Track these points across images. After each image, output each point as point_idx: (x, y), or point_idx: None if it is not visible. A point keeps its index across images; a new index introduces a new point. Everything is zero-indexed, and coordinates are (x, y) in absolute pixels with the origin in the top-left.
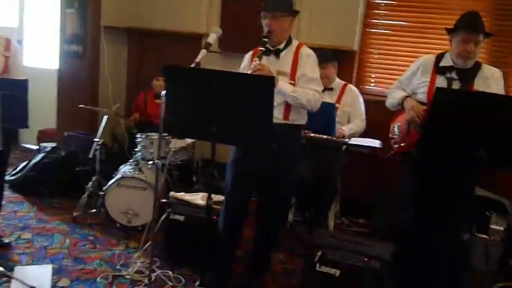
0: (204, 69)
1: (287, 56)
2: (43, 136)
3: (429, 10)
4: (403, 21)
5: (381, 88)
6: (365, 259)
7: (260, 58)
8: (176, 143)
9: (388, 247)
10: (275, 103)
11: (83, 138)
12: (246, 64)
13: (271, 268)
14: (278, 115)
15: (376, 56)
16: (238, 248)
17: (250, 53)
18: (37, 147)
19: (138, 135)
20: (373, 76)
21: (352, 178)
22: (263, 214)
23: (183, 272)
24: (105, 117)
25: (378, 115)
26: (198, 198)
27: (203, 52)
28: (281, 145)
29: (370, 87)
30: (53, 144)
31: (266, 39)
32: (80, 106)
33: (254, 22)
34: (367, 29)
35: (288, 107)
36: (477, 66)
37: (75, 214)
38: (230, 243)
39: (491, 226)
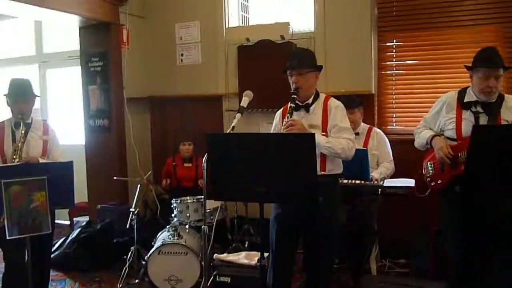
0: (246, 134)
1: (316, 109)
2: (74, 211)
3: (439, 47)
4: (415, 60)
5: (402, 127)
6: None
7: (291, 114)
8: (210, 204)
9: (440, 286)
10: None
11: (116, 209)
12: (278, 121)
13: None
14: None
15: (394, 97)
16: None
17: (281, 110)
18: (69, 222)
19: (173, 201)
20: (393, 116)
21: (387, 219)
22: (312, 267)
23: None
24: (139, 186)
25: (403, 154)
26: (242, 257)
27: (238, 116)
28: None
29: (392, 127)
30: (86, 218)
31: (295, 96)
32: (114, 178)
33: (269, 80)
34: (382, 72)
35: (323, 158)
36: (500, 98)
37: (119, 286)
38: None
39: None
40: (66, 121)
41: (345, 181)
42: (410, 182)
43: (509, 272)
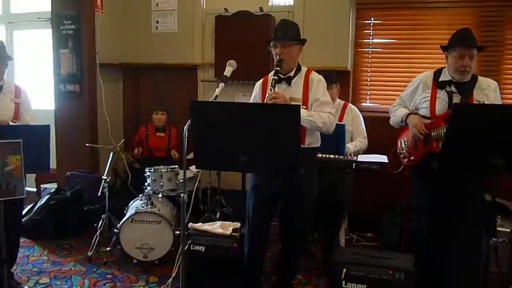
0: (231, 103)
1: (297, 82)
2: (41, 177)
3: (416, 27)
4: (392, 39)
5: (376, 104)
6: (390, 272)
7: (274, 86)
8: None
9: (409, 258)
10: None
11: (86, 177)
12: (258, 92)
13: None
14: None
15: (369, 74)
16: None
17: (260, 81)
18: (35, 188)
19: (146, 169)
20: (367, 93)
21: (357, 193)
22: (287, 238)
23: None
24: (111, 154)
25: (376, 131)
26: (217, 227)
27: (221, 85)
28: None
29: (365, 104)
30: (54, 185)
31: (278, 68)
32: (87, 145)
33: (246, 51)
34: (359, 49)
35: (303, 131)
36: (474, 79)
37: (89, 253)
38: (256, 269)
39: (499, 229)
40: (34, 85)
41: (320, 154)
42: (383, 158)
43: (469, 250)
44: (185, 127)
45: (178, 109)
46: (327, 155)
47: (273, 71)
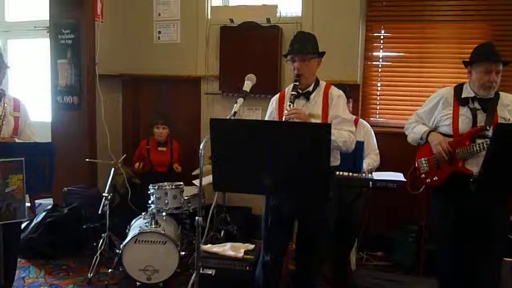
0: (255, 120)
1: (317, 98)
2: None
3: (426, 40)
4: (402, 52)
5: (385, 119)
6: None
7: (293, 102)
8: (188, 191)
9: (431, 283)
10: None
11: (84, 193)
12: (274, 108)
13: None
14: None
15: (379, 88)
16: None
17: (277, 96)
18: (29, 203)
19: (150, 186)
20: (377, 107)
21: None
22: (304, 261)
23: None
24: (112, 170)
25: (385, 146)
26: (228, 249)
27: (240, 101)
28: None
29: (375, 119)
30: (49, 201)
31: (297, 83)
32: (87, 160)
33: (252, 63)
34: (368, 62)
35: None
36: (496, 95)
37: (89, 275)
38: None
39: None
40: (30, 96)
41: (336, 172)
42: (399, 176)
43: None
44: (201, 146)
45: (180, 123)
46: (343, 173)
47: (291, 86)
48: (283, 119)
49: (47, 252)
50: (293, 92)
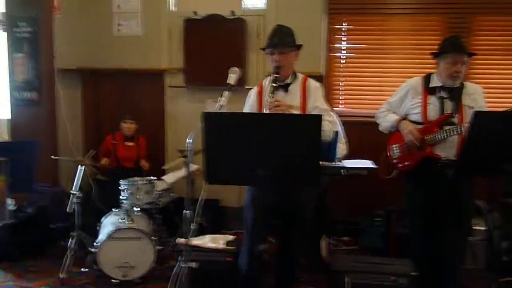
0: (247, 113)
1: (295, 89)
2: None
3: (386, 32)
4: (363, 44)
5: (349, 109)
6: (392, 278)
7: (274, 94)
8: (159, 186)
9: (406, 263)
10: None
11: (47, 192)
12: (253, 100)
13: None
14: None
15: (342, 79)
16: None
17: (255, 89)
18: None
19: (121, 182)
20: (340, 98)
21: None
22: (287, 249)
23: None
24: (80, 168)
25: (349, 135)
26: (208, 241)
27: (225, 94)
28: None
29: (339, 108)
30: (9, 201)
31: (277, 75)
32: (53, 157)
33: (216, 55)
34: (331, 54)
35: None
36: (461, 84)
37: (61, 275)
38: (256, 282)
39: (474, 228)
40: None
41: None
42: (368, 163)
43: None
44: (187, 138)
45: (144, 117)
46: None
47: (270, 78)
48: (265, 111)
49: (12, 254)
50: (273, 84)
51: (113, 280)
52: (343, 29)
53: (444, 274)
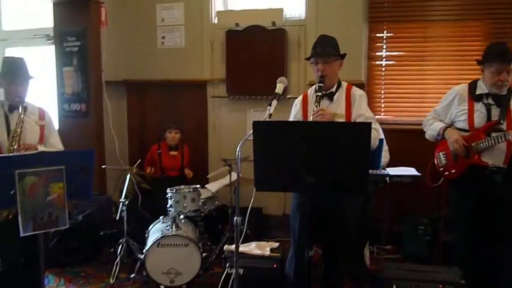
0: (296, 122)
1: (340, 98)
2: None
3: (426, 39)
4: (404, 51)
5: (390, 117)
6: (440, 286)
7: (319, 103)
8: (203, 194)
9: (454, 271)
10: None
11: (95, 199)
12: (299, 109)
13: None
14: None
15: (383, 87)
16: None
17: (300, 98)
18: None
19: (168, 190)
20: (381, 105)
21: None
22: (333, 260)
23: None
24: (128, 176)
25: (391, 143)
26: (253, 248)
27: (274, 103)
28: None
29: (380, 116)
30: None
31: (321, 84)
32: (103, 167)
33: (257, 66)
34: (372, 62)
35: None
36: (509, 91)
37: (111, 281)
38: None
39: None
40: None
41: None
42: (412, 171)
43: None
44: (238, 147)
45: (188, 126)
46: None
47: (315, 87)
48: (310, 119)
49: (63, 260)
50: (318, 93)
51: (161, 286)
52: (384, 37)
53: (493, 282)
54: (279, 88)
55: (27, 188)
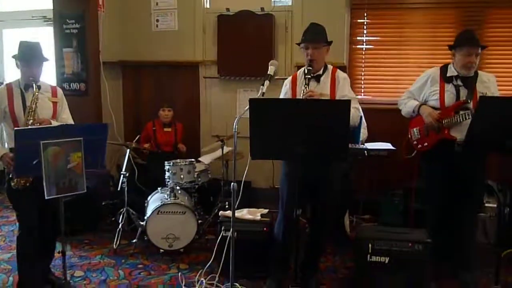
0: (288, 99)
1: (325, 80)
2: None
3: (403, 26)
4: (383, 36)
5: (370, 97)
6: (409, 244)
7: (308, 84)
8: (197, 167)
9: (422, 232)
10: None
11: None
12: (288, 88)
13: None
14: None
15: (363, 69)
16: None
17: (289, 79)
18: None
19: (166, 163)
20: (362, 86)
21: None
22: (318, 221)
23: (243, 284)
24: (128, 151)
25: (370, 121)
26: (245, 213)
27: (267, 83)
28: None
29: (360, 96)
30: None
31: (310, 68)
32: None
33: (247, 49)
34: (353, 46)
35: None
36: (475, 74)
37: (114, 246)
38: (289, 249)
39: (486, 205)
40: None
41: None
42: (388, 146)
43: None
44: (234, 122)
45: (181, 105)
46: None
47: (304, 70)
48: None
49: (66, 229)
50: (307, 75)
51: (160, 250)
52: (364, 22)
53: (456, 242)
54: (271, 70)
55: (51, 156)
